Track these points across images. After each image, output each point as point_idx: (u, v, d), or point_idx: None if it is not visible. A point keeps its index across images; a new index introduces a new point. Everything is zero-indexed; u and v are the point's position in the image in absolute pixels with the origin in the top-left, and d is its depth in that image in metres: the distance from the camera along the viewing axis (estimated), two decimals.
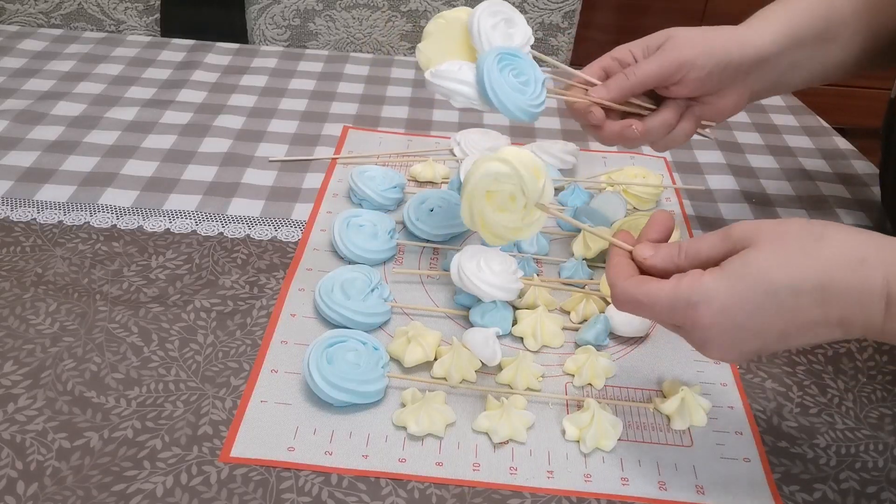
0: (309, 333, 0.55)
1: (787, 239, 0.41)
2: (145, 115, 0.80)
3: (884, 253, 0.39)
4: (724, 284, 0.41)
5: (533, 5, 1.03)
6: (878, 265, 0.39)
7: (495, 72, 0.53)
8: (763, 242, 0.41)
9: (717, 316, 0.41)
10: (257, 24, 1.03)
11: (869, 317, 0.39)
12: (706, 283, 0.41)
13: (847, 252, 0.40)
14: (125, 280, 0.59)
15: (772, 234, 0.41)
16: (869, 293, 0.39)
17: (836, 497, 0.47)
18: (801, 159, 0.82)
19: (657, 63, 0.56)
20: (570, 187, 0.71)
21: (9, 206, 0.65)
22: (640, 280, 0.44)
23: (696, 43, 0.56)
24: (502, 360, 0.53)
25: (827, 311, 0.40)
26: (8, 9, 1.00)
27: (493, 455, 0.48)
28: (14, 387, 0.50)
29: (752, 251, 0.41)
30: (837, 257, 0.40)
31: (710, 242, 0.43)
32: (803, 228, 0.41)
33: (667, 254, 0.44)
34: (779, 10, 0.60)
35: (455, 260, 0.56)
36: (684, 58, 0.55)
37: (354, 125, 0.82)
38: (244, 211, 0.67)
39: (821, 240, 0.40)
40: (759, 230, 0.42)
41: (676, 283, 0.42)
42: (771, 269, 0.40)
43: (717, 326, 0.41)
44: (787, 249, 0.40)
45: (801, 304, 0.40)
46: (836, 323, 0.40)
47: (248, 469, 0.46)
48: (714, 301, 0.41)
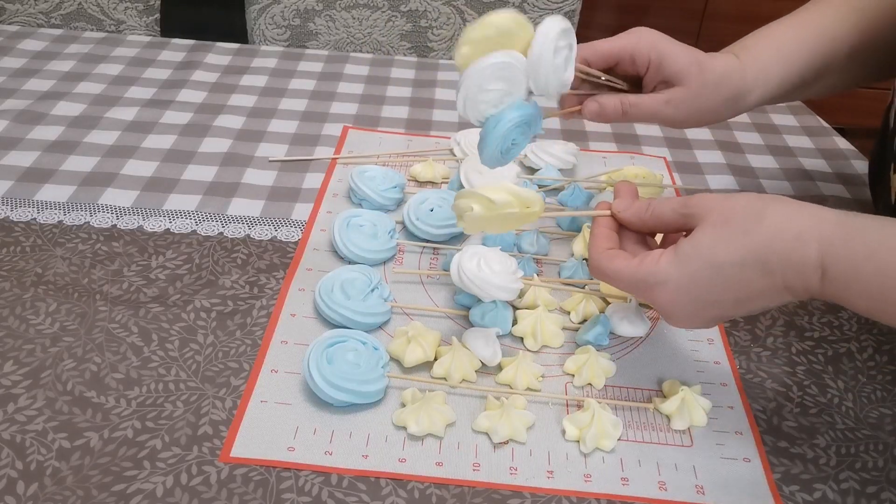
0: (309, 333, 0.55)
1: (732, 217, 0.45)
2: (145, 115, 0.80)
3: (820, 227, 0.44)
4: (676, 266, 0.46)
5: (533, 5, 1.03)
6: (813, 239, 0.43)
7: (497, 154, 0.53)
8: (710, 221, 0.46)
9: (672, 294, 0.46)
10: (257, 24, 1.03)
11: (808, 284, 0.44)
12: (661, 266, 0.47)
13: (784, 227, 0.44)
14: (125, 280, 0.59)
15: (720, 212, 0.46)
16: (805, 264, 0.43)
17: (836, 497, 0.47)
18: (801, 159, 0.82)
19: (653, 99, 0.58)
20: (570, 187, 0.71)
21: (9, 206, 0.65)
22: (611, 255, 0.49)
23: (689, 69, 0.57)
24: (502, 360, 0.53)
25: (772, 280, 0.44)
26: (8, 9, 1.00)
27: (493, 455, 0.48)
28: (14, 387, 0.50)
29: (699, 232, 0.46)
30: (776, 232, 0.44)
31: (671, 207, 0.49)
32: (748, 206, 0.46)
33: (636, 209, 0.51)
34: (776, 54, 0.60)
35: (455, 260, 0.56)
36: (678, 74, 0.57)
37: (354, 125, 0.82)
38: (244, 211, 0.67)
39: (761, 216, 0.45)
40: (710, 207, 0.47)
41: (638, 263, 0.48)
42: (716, 248, 0.45)
43: (674, 303, 0.47)
44: (732, 228, 0.45)
45: (747, 276, 0.44)
46: (783, 288, 0.44)
47: (248, 469, 0.46)
48: (668, 282, 0.46)
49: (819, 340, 0.59)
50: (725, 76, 0.58)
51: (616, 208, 0.52)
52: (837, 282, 0.43)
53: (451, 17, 1.04)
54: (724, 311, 0.47)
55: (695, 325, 0.49)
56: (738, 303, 0.46)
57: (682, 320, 0.49)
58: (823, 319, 0.61)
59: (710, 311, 0.47)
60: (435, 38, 1.06)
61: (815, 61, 0.60)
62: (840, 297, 0.43)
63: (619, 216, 0.51)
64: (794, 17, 0.62)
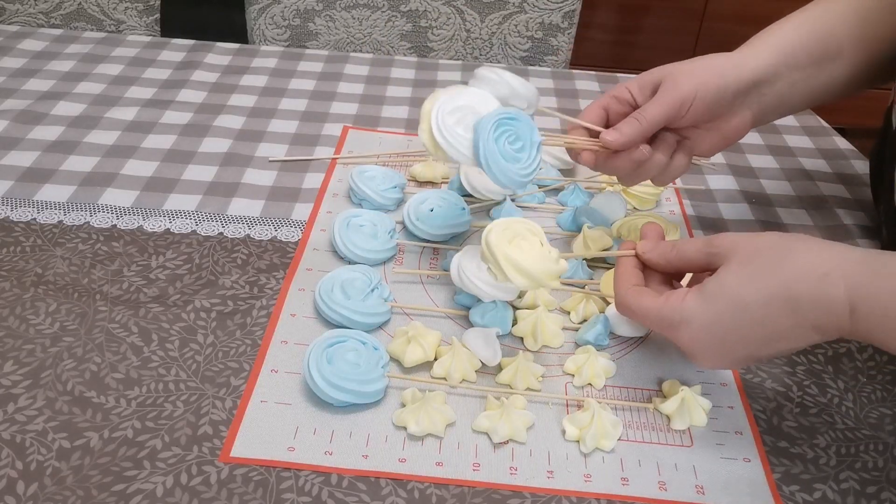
0: (309, 333, 0.55)
1: (757, 256, 0.45)
2: (145, 115, 0.80)
3: (846, 266, 0.43)
4: (701, 305, 0.46)
5: (533, 5, 1.03)
6: (840, 278, 0.43)
7: (490, 141, 0.53)
8: (736, 260, 0.46)
9: (697, 333, 0.46)
10: (257, 24, 1.03)
11: (838, 323, 0.43)
12: (687, 305, 0.47)
13: (811, 266, 0.44)
14: (125, 280, 0.59)
15: (745, 251, 0.46)
16: (833, 303, 0.43)
17: (836, 497, 0.47)
18: (801, 159, 0.82)
19: (661, 106, 0.57)
20: (570, 187, 0.71)
21: (9, 206, 0.65)
22: (637, 291, 0.50)
23: (693, 76, 0.57)
24: (502, 360, 0.53)
25: (799, 320, 0.44)
26: (8, 9, 1.00)
27: (493, 455, 0.48)
28: (14, 387, 0.50)
29: (725, 270, 0.46)
30: (802, 272, 0.44)
31: (696, 247, 0.49)
32: (774, 245, 0.46)
33: (662, 250, 0.51)
34: (772, 34, 0.61)
35: (455, 260, 0.56)
36: (685, 93, 0.56)
37: (354, 125, 0.82)
38: (244, 211, 0.67)
39: (788, 255, 0.45)
40: (735, 246, 0.47)
41: (664, 301, 0.48)
42: (742, 287, 0.45)
43: (698, 342, 0.47)
44: (757, 267, 0.45)
45: (773, 315, 0.44)
46: (811, 328, 0.44)
47: (248, 469, 0.46)
48: (693, 321, 0.46)
49: None
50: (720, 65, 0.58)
51: (641, 249, 0.52)
52: (868, 320, 0.42)
53: (451, 17, 1.04)
54: (749, 352, 0.46)
55: (720, 365, 0.49)
56: (764, 343, 0.45)
57: (708, 360, 0.48)
58: None
59: (735, 351, 0.46)
60: (435, 38, 1.06)
61: (813, 47, 0.60)
62: (871, 335, 0.43)
63: (644, 257, 0.52)
64: (792, 15, 0.62)
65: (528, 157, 0.54)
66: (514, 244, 0.51)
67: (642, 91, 0.59)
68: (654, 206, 0.72)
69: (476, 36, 1.05)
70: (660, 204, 0.72)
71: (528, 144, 0.54)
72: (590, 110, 0.60)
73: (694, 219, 0.71)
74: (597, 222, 0.65)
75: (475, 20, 1.04)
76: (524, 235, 0.52)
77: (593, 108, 0.60)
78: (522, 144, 0.54)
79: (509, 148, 0.53)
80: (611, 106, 0.60)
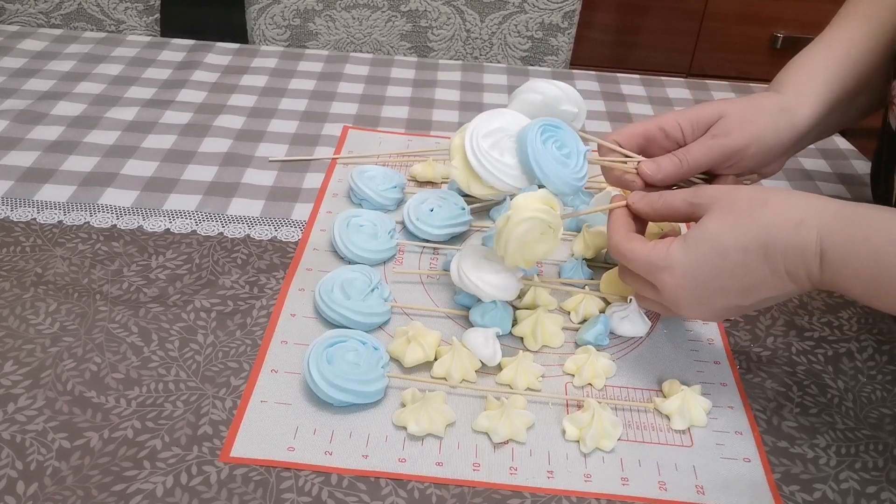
0: (309, 333, 0.55)
1: (736, 205, 0.47)
2: (145, 115, 0.80)
3: (821, 215, 0.45)
4: (684, 252, 0.48)
5: (533, 5, 1.03)
6: (814, 226, 0.44)
7: (539, 144, 0.51)
8: (717, 209, 0.47)
9: (680, 279, 0.48)
10: (257, 24, 1.03)
11: (809, 270, 0.45)
12: (671, 251, 0.48)
13: (787, 214, 0.45)
14: (125, 280, 0.59)
15: (727, 200, 0.48)
16: (805, 248, 0.44)
17: (836, 497, 0.47)
18: (802, 159, 0.82)
19: (707, 151, 0.55)
20: None
21: (9, 206, 0.65)
22: (629, 236, 0.51)
23: (749, 128, 0.55)
24: (502, 360, 0.53)
25: (774, 266, 0.45)
26: (8, 9, 1.00)
27: (493, 455, 0.48)
28: (14, 387, 0.50)
29: (706, 218, 0.48)
30: (778, 219, 0.45)
31: (682, 197, 0.50)
32: (751, 195, 0.47)
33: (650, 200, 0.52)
34: (814, 75, 0.59)
35: (455, 260, 0.56)
36: (736, 146, 0.55)
37: (354, 125, 0.82)
38: (244, 211, 0.67)
39: (765, 204, 0.46)
40: (718, 196, 0.48)
41: (652, 247, 0.49)
42: (722, 233, 0.47)
43: (681, 288, 0.48)
44: (736, 214, 0.47)
45: (750, 261, 0.46)
46: (785, 276, 0.46)
47: (248, 469, 0.46)
48: (676, 267, 0.48)
49: (819, 340, 0.59)
50: (775, 119, 0.56)
51: (631, 199, 0.53)
52: (834, 266, 0.44)
53: (451, 17, 1.04)
54: (730, 301, 0.48)
55: (702, 314, 0.50)
56: (743, 292, 0.47)
57: (690, 309, 0.49)
58: (823, 319, 0.61)
59: (716, 299, 0.48)
60: (435, 38, 1.06)
61: (850, 85, 0.59)
62: (837, 283, 0.44)
63: (634, 207, 0.53)
64: (819, 43, 0.61)
65: (576, 164, 0.52)
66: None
67: (694, 129, 0.56)
68: None
69: (476, 36, 1.05)
70: None
71: (574, 152, 0.52)
72: (629, 133, 0.56)
73: None
74: (597, 222, 0.65)
75: (475, 20, 1.04)
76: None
77: (633, 132, 0.56)
78: (569, 151, 0.52)
79: (558, 153, 0.52)
80: (655, 137, 0.57)
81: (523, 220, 0.51)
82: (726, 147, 0.55)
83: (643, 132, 0.57)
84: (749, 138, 0.55)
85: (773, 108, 0.57)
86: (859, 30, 0.61)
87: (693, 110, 0.57)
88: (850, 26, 0.62)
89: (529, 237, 0.52)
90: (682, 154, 0.55)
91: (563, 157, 0.52)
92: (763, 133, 0.56)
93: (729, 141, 0.55)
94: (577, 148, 0.53)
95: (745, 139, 0.55)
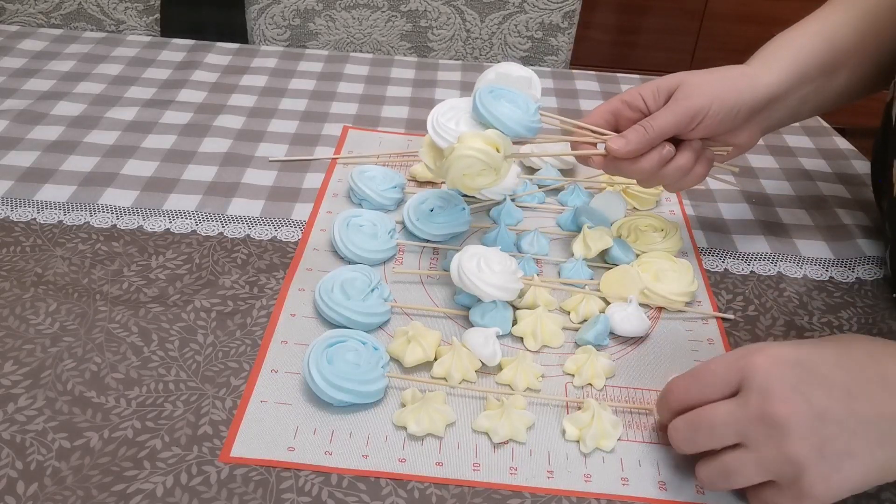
0: (309, 333, 0.55)
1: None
2: (145, 115, 0.80)
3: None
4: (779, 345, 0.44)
5: (533, 5, 1.03)
6: None
7: (488, 96, 0.55)
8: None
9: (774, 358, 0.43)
10: (257, 24, 1.03)
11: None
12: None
13: None
14: (125, 280, 0.59)
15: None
16: None
17: None
18: (801, 159, 0.82)
19: (672, 115, 0.56)
20: (570, 187, 0.71)
21: (9, 206, 0.65)
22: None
23: (707, 90, 0.56)
24: (502, 360, 0.53)
25: (883, 375, 0.41)
26: (8, 9, 1.00)
27: (493, 455, 0.48)
28: (14, 387, 0.50)
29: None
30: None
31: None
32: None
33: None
34: (783, 47, 0.60)
35: (455, 260, 0.56)
36: (698, 106, 0.56)
37: (354, 125, 0.82)
38: (244, 211, 0.67)
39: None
40: None
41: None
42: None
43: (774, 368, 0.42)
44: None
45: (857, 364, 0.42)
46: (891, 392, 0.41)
47: (248, 469, 0.46)
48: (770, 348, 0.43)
49: None
50: (736, 80, 0.58)
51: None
52: None
53: (451, 17, 1.04)
54: (832, 399, 0.41)
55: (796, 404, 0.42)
56: (846, 393, 0.41)
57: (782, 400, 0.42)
58: (823, 319, 0.61)
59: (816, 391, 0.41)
60: (435, 38, 1.06)
61: (823, 59, 0.60)
62: None
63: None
64: (801, 24, 0.62)
65: (527, 109, 0.56)
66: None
67: (655, 98, 0.58)
68: (654, 206, 0.72)
69: (476, 36, 1.05)
70: (660, 204, 0.72)
71: (524, 102, 0.56)
72: (597, 113, 0.59)
73: (694, 219, 0.71)
74: (597, 222, 0.65)
75: (475, 20, 1.04)
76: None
77: (601, 111, 0.59)
78: (521, 102, 0.56)
79: (508, 103, 0.56)
80: (621, 111, 0.59)
81: (462, 156, 0.53)
82: (689, 108, 0.56)
83: (609, 109, 0.59)
84: (710, 98, 0.56)
85: (734, 72, 0.58)
86: (840, 12, 0.62)
87: (654, 82, 0.59)
88: (831, 10, 0.62)
89: (468, 171, 0.54)
90: (647, 122, 0.56)
91: (513, 105, 0.56)
92: (723, 92, 0.56)
93: (690, 102, 0.56)
94: (528, 102, 0.56)
95: (707, 99, 0.56)
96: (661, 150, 0.56)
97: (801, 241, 0.69)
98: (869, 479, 0.41)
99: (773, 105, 0.59)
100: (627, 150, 0.55)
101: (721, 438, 0.43)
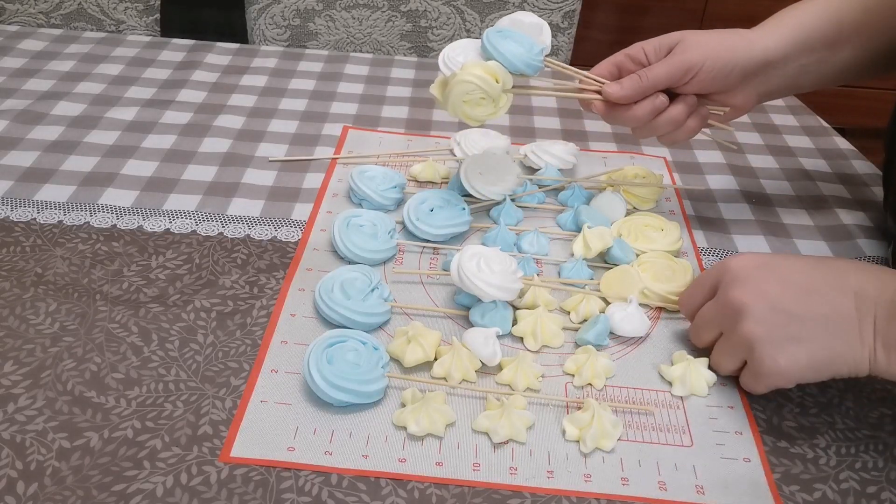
0: (309, 333, 0.55)
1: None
2: (145, 115, 0.80)
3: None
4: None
5: (533, 5, 1.03)
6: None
7: (495, 35, 0.59)
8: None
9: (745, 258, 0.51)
10: (257, 24, 1.03)
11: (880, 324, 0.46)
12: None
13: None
14: (125, 280, 0.59)
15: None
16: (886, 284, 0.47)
17: (836, 497, 0.47)
18: (801, 159, 0.82)
19: (666, 66, 0.59)
20: (570, 187, 0.71)
21: (9, 206, 0.65)
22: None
23: (705, 47, 0.59)
24: (502, 360, 0.53)
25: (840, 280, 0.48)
26: (8, 9, 1.00)
27: (493, 455, 0.48)
28: (14, 387, 0.50)
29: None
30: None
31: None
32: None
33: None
34: (789, 15, 0.62)
35: (455, 260, 0.56)
36: (692, 61, 0.59)
37: (354, 125, 0.82)
38: (244, 211, 0.67)
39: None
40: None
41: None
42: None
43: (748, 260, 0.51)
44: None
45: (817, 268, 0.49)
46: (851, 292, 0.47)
47: (248, 469, 0.46)
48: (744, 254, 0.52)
49: None
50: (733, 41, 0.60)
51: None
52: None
53: (451, 17, 1.04)
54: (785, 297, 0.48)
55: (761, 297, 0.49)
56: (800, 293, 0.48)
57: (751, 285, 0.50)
58: None
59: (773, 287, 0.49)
60: (435, 38, 1.06)
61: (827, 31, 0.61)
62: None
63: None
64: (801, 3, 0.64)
65: (531, 48, 0.59)
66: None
67: (657, 52, 0.61)
68: (654, 206, 0.72)
69: (476, 36, 1.05)
70: (660, 204, 0.72)
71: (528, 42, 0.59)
72: (602, 65, 0.63)
73: (694, 219, 0.71)
74: (597, 222, 0.65)
75: (475, 20, 1.04)
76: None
77: (606, 63, 0.63)
78: (525, 42, 0.59)
79: (513, 42, 0.59)
80: (624, 64, 0.62)
81: (462, 80, 0.56)
82: (683, 62, 0.59)
83: (613, 62, 0.63)
84: (704, 54, 0.59)
85: (734, 34, 0.61)
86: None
87: (657, 38, 0.62)
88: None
89: (467, 98, 0.57)
90: (643, 71, 0.59)
91: (518, 44, 0.59)
92: (718, 51, 0.59)
93: (685, 56, 0.59)
94: (533, 44, 0.59)
95: (701, 55, 0.59)
96: (655, 100, 0.59)
97: (801, 241, 0.69)
98: (816, 363, 0.47)
99: (770, 70, 0.61)
100: (621, 95, 0.59)
101: (710, 330, 0.52)
